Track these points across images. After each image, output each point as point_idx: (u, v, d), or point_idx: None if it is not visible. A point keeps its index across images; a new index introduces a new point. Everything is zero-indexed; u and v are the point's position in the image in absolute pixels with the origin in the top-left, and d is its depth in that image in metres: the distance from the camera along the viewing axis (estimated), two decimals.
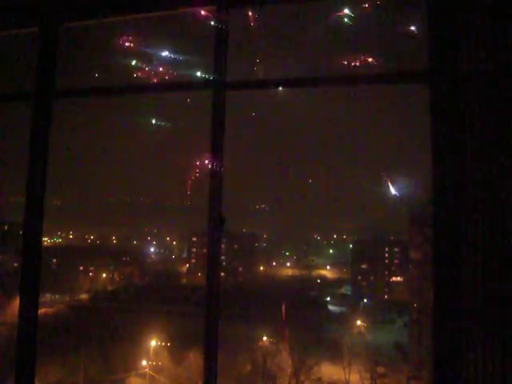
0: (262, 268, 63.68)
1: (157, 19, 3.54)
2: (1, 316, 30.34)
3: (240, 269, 57.84)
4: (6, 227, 45.51)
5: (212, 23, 3.21)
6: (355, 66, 3.98)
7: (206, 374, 2.81)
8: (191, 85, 3.72)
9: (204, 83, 3.76)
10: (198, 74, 3.61)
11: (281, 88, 3.22)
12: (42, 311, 34.82)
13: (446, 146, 2.67)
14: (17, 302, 3.32)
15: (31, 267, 3.19)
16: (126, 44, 4.43)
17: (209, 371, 2.80)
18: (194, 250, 59.90)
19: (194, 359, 26.73)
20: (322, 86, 3.39)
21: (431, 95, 2.75)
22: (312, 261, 66.79)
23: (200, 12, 3.40)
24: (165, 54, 4.59)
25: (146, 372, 29.96)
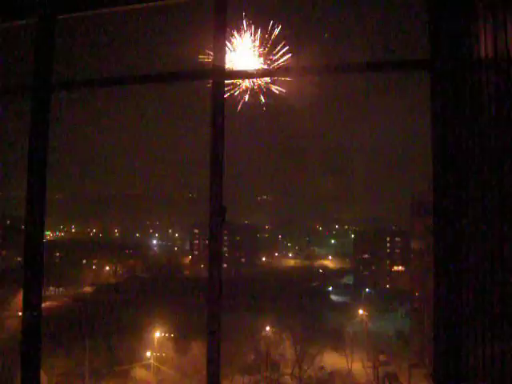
0: (264, 259, 63.96)
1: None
2: (7, 310, 30.60)
3: (242, 260, 58.08)
4: (8, 222, 45.60)
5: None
6: None
7: (210, 363, 2.83)
8: (191, 75, 3.69)
9: (203, 73, 3.74)
10: None
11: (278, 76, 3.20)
12: (46, 304, 35.06)
13: (446, 134, 2.65)
14: (21, 296, 3.32)
15: (34, 262, 3.19)
16: None
17: (212, 361, 2.83)
18: (196, 241, 60.14)
19: (198, 349, 26.94)
20: (322, 74, 3.36)
21: (432, 83, 2.74)
22: (314, 251, 67.05)
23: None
24: None
25: (150, 363, 30.26)
